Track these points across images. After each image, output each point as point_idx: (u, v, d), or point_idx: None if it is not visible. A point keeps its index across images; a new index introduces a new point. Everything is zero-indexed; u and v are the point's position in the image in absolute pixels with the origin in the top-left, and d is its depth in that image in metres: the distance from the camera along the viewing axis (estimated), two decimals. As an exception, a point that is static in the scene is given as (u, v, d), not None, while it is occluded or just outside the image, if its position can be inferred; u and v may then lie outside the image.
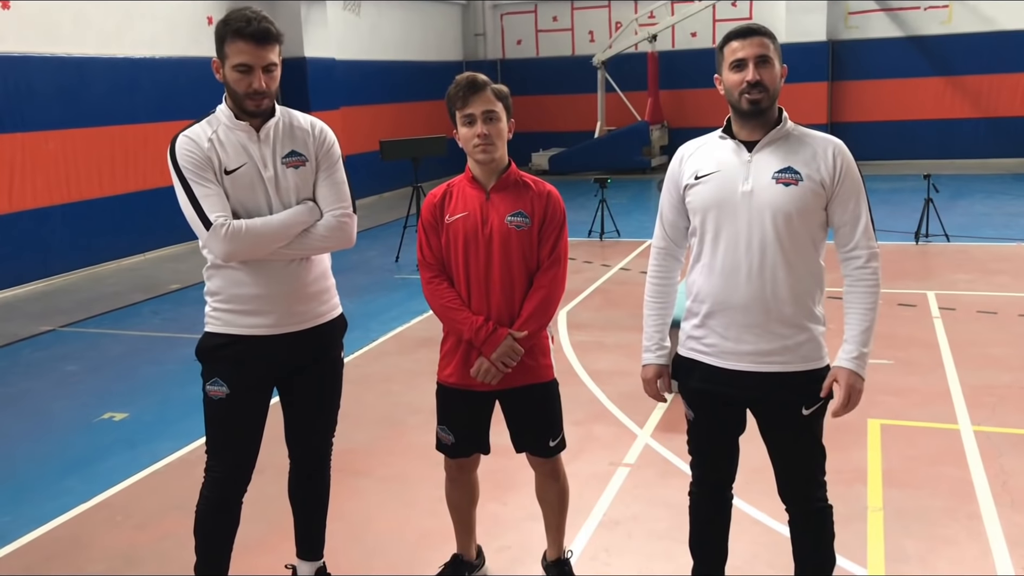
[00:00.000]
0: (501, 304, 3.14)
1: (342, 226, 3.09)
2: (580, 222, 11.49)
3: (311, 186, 3.10)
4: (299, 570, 3.53)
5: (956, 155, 17.11)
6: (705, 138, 2.88)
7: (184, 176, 2.90)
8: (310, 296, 3.13)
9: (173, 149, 2.94)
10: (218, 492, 3.16)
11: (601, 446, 4.89)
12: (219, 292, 3.06)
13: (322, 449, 3.39)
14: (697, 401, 2.95)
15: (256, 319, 3.04)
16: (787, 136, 2.75)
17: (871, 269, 2.75)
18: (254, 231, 2.93)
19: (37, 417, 5.82)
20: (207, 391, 3.09)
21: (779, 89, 2.73)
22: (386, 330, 7.46)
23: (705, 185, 2.78)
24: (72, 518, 4.32)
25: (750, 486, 3.11)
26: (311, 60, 13.78)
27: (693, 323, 2.89)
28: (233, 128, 2.98)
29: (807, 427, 2.82)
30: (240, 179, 2.97)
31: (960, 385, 5.59)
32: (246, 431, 3.14)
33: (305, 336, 3.13)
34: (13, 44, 9.52)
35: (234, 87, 2.91)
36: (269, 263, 3.01)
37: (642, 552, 3.80)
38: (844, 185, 2.71)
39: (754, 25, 2.74)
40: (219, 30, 2.90)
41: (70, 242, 10.10)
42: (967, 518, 3.96)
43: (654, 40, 17.64)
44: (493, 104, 3.07)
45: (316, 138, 3.13)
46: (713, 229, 2.78)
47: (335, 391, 3.35)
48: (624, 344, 6.72)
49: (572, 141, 18.67)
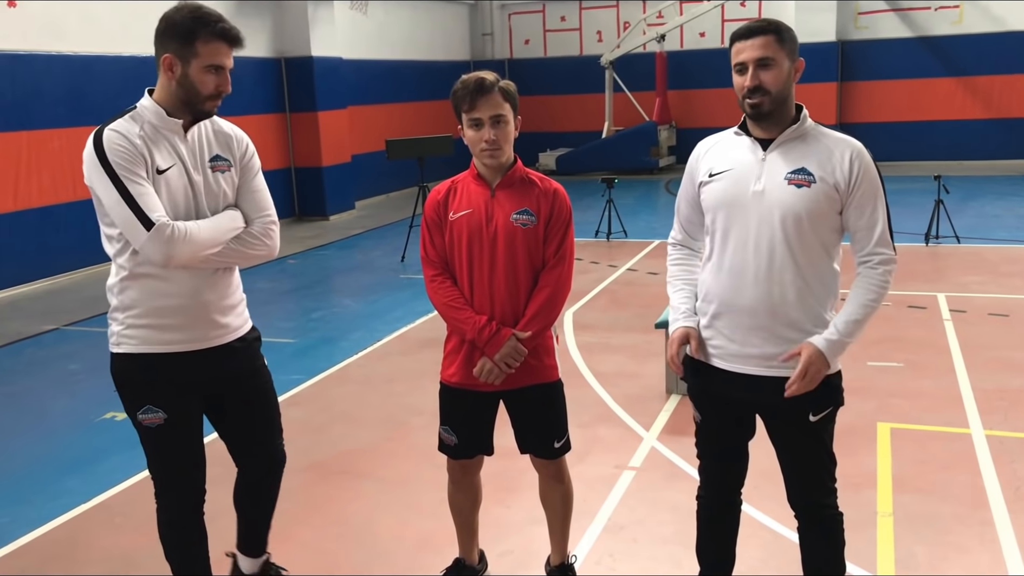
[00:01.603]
0: (505, 303, 3.08)
1: (269, 233, 3.00)
2: (587, 222, 11.45)
3: (234, 192, 2.98)
4: (240, 563, 3.40)
5: (967, 156, 17.01)
6: (723, 134, 2.82)
7: (116, 172, 2.67)
8: (229, 308, 2.98)
9: (99, 143, 2.70)
10: (179, 514, 3.05)
11: (606, 449, 4.83)
12: (134, 306, 2.83)
13: (274, 455, 3.25)
14: (704, 403, 2.90)
15: (178, 334, 2.86)
16: (804, 136, 2.68)
17: (882, 271, 2.68)
18: (194, 234, 2.76)
19: (38, 416, 5.79)
20: (140, 420, 2.89)
21: (786, 90, 2.64)
22: (390, 330, 7.41)
23: (718, 183, 2.73)
24: (71, 519, 4.28)
25: (757, 490, 3.05)
26: (318, 59, 13.76)
27: (701, 324, 2.83)
28: (162, 126, 2.80)
29: (814, 434, 2.75)
30: (171, 180, 2.79)
31: (971, 389, 5.52)
32: (192, 453, 3.00)
33: (226, 351, 2.98)
34: (19, 42, 9.51)
35: (198, 87, 2.76)
36: (194, 272, 2.84)
37: (647, 557, 3.74)
38: (861, 189, 2.62)
39: (758, 24, 2.66)
40: (184, 25, 2.72)
41: (75, 241, 10.07)
42: (979, 524, 3.89)
43: (662, 40, 17.58)
44: (501, 107, 3.01)
45: (239, 145, 3.01)
46: (723, 228, 2.73)
47: (271, 399, 3.20)
48: (630, 345, 6.66)
49: (580, 141, 18.62)
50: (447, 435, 3.28)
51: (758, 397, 2.75)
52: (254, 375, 3.13)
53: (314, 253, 11.38)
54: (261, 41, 13.39)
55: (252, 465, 3.25)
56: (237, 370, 3.05)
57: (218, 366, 2.97)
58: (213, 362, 2.95)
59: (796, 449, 2.79)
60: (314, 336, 7.45)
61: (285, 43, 13.74)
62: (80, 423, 5.56)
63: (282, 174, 13.96)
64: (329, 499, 4.39)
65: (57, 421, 5.69)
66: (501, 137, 3.02)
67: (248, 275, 3.17)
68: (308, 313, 8.35)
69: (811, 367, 2.62)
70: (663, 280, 3.07)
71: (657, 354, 5.99)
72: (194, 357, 2.91)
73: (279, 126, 13.92)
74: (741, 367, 2.73)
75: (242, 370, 3.07)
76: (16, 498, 4.54)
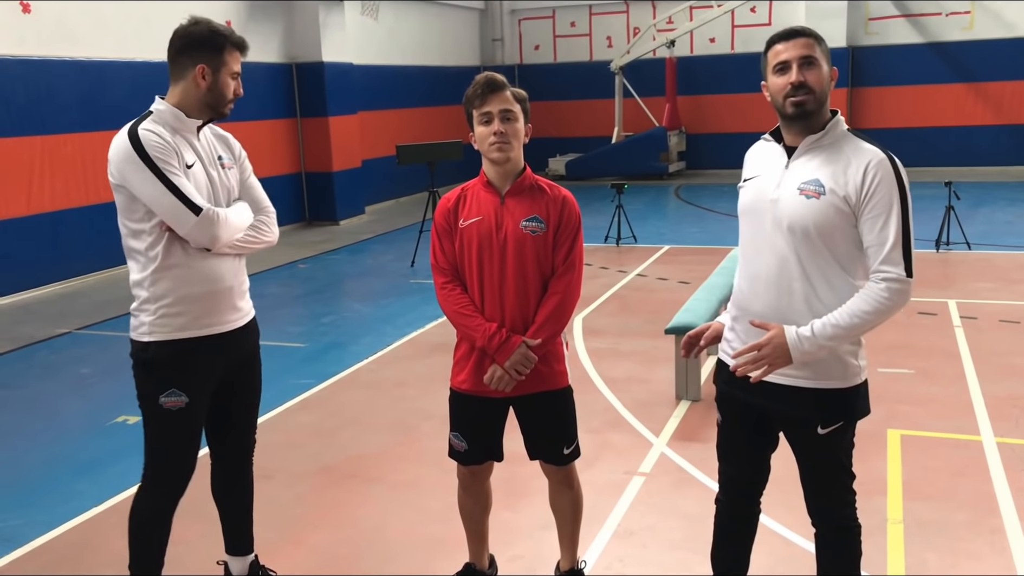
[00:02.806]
0: (515, 310, 3.10)
1: (273, 223, 3.29)
2: (597, 228, 11.45)
3: (239, 188, 3.23)
4: (231, 567, 3.52)
5: (977, 162, 16.95)
6: (761, 140, 2.82)
7: (157, 166, 2.89)
8: (243, 293, 3.23)
9: (136, 141, 2.90)
10: (165, 505, 3.17)
11: (616, 454, 4.84)
12: (166, 295, 3.01)
13: (247, 445, 3.43)
14: (722, 403, 2.92)
15: (209, 318, 3.08)
16: (829, 145, 2.63)
17: (884, 287, 2.51)
18: (230, 219, 3.04)
19: (50, 419, 5.82)
20: (162, 403, 3.05)
21: (827, 92, 2.62)
22: (401, 335, 7.43)
23: (746, 189, 2.76)
24: (83, 522, 4.30)
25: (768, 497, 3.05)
26: (329, 64, 13.80)
27: (728, 326, 2.87)
28: (179, 127, 3.03)
29: (826, 446, 2.72)
30: (196, 175, 3.02)
31: (982, 396, 5.50)
32: (196, 440, 3.19)
33: (242, 333, 3.21)
34: (33, 48, 9.58)
35: (224, 92, 3.04)
36: (220, 259, 3.08)
37: (657, 563, 3.74)
38: (873, 202, 2.51)
39: (798, 27, 2.66)
40: (214, 39, 3.01)
41: (87, 245, 10.13)
42: (990, 532, 3.88)
43: (672, 46, 17.58)
44: (511, 104, 3.06)
45: (234, 146, 3.27)
46: (744, 234, 2.76)
47: (259, 388, 3.42)
48: (640, 351, 6.66)
49: (589, 147, 18.63)
50: (457, 441, 3.29)
51: (767, 403, 2.74)
52: (255, 359, 3.36)
53: (324, 258, 11.41)
54: (272, 46, 13.45)
55: (229, 455, 3.40)
56: (249, 352, 3.30)
57: (236, 348, 3.20)
58: (233, 344, 3.18)
59: (807, 459, 2.78)
60: (324, 340, 7.47)
61: (296, 48, 13.80)
62: (92, 426, 5.59)
63: (293, 179, 14.01)
64: (339, 503, 4.41)
65: (69, 424, 5.72)
66: (510, 132, 3.04)
67: (258, 280, 3.24)
68: (318, 318, 8.37)
69: (765, 348, 2.57)
70: (673, 286, 3.09)
71: (667, 360, 5.99)
72: (220, 340, 3.12)
73: (290, 131, 13.97)
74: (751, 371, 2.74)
75: (251, 353, 3.32)
76: (28, 501, 4.57)
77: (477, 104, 3.05)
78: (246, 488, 3.48)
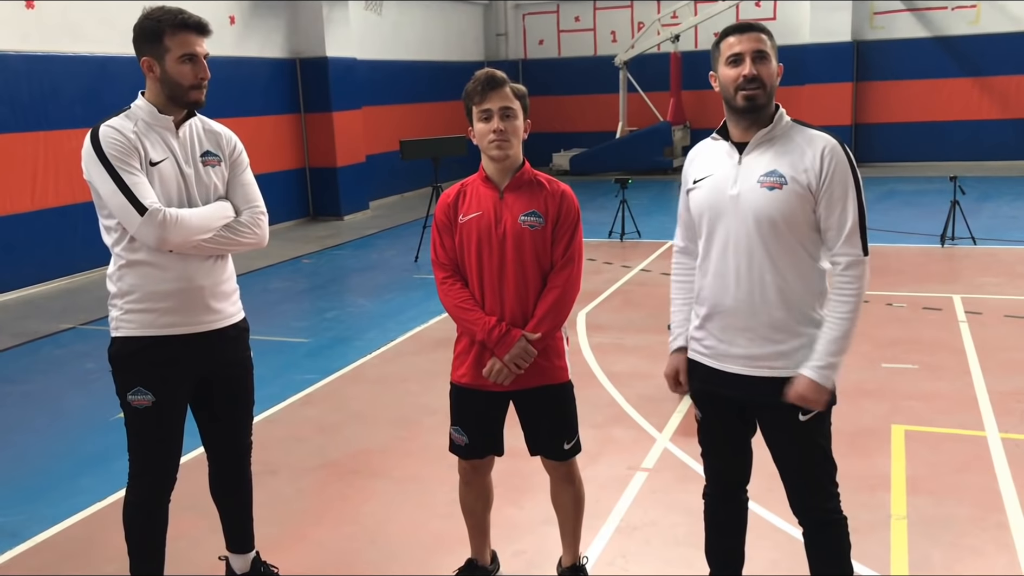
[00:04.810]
0: (515, 304, 3.10)
1: (258, 223, 3.17)
2: (601, 223, 11.44)
3: (225, 186, 3.15)
4: (232, 563, 3.52)
5: (983, 157, 16.87)
6: (705, 141, 2.88)
7: (111, 164, 2.87)
8: (223, 295, 3.14)
9: (96, 139, 2.90)
10: (149, 497, 3.16)
11: (619, 450, 4.83)
12: (132, 291, 3.00)
13: (242, 446, 3.40)
14: (701, 401, 2.95)
15: (174, 317, 3.01)
16: (779, 137, 2.70)
17: (849, 276, 2.64)
18: (185, 219, 2.93)
19: (54, 415, 5.84)
20: (128, 401, 3.03)
21: (776, 87, 2.69)
22: (404, 330, 7.43)
23: (700, 190, 2.79)
24: (87, 517, 4.31)
25: (770, 492, 3.04)
26: (332, 60, 13.80)
27: (695, 325, 2.89)
28: (154, 123, 2.99)
29: (805, 434, 2.75)
30: (164, 172, 2.97)
31: (987, 391, 5.48)
32: (173, 437, 3.14)
33: (220, 336, 3.12)
34: (37, 43, 9.58)
35: (178, 79, 2.94)
36: (188, 258, 3.01)
37: (660, 558, 3.74)
38: (830, 187, 2.62)
39: (751, 22, 2.73)
40: (150, 26, 2.92)
41: (91, 240, 10.09)
42: (995, 528, 3.87)
43: (676, 40, 17.54)
44: (511, 101, 3.06)
45: (228, 143, 3.19)
46: (707, 232, 2.78)
47: (250, 391, 3.36)
48: (644, 346, 6.65)
49: (593, 141, 18.61)
50: (458, 435, 3.30)
51: (748, 396, 2.78)
52: (241, 364, 3.28)
53: (328, 253, 11.42)
54: (276, 41, 13.45)
55: (225, 456, 3.38)
56: (230, 356, 3.21)
57: (212, 350, 3.12)
58: (207, 346, 3.09)
59: (787, 450, 2.80)
60: (328, 336, 7.47)
61: (300, 44, 13.79)
62: (96, 422, 5.60)
63: (297, 174, 14.01)
64: (342, 498, 4.41)
65: (73, 420, 5.73)
66: (510, 129, 3.04)
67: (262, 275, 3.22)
68: (322, 313, 8.38)
69: (804, 401, 2.66)
70: (676, 281, 3.08)
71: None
72: (189, 340, 3.05)
73: (294, 126, 13.97)
74: (730, 366, 2.77)
75: (234, 357, 3.23)
76: (32, 496, 4.58)
77: (477, 100, 3.05)
78: (244, 489, 3.46)
